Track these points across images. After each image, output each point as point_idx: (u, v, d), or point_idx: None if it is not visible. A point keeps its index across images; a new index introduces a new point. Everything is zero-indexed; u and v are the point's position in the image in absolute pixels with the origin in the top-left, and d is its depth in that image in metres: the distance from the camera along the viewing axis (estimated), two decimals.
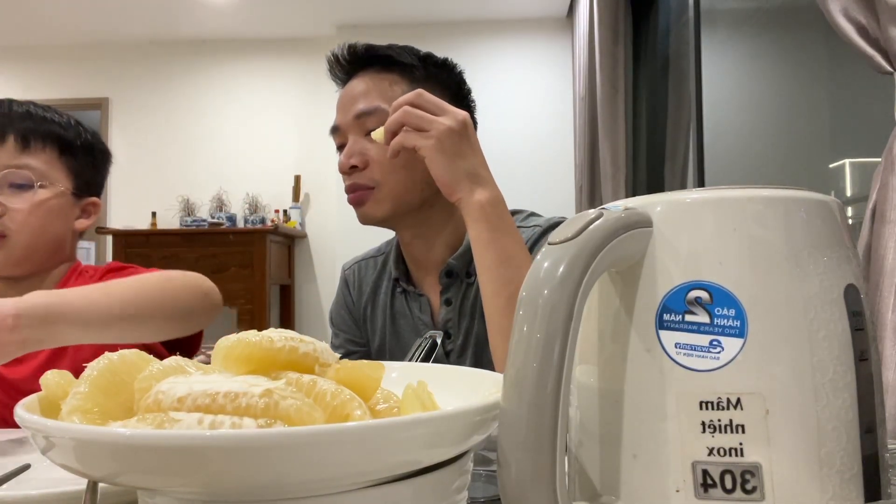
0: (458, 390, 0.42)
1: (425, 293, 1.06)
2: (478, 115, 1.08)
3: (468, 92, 1.09)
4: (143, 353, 0.37)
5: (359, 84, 1.01)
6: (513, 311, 0.81)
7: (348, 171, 0.99)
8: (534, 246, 1.01)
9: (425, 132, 0.81)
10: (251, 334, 0.36)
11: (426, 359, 0.70)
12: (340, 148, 1.02)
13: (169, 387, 0.32)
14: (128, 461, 0.28)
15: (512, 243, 0.81)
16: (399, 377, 0.43)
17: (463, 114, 0.82)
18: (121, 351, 0.37)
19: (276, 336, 0.36)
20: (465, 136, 0.82)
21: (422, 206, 0.99)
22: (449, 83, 1.05)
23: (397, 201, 0.98)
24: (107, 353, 0.36)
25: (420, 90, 0.83)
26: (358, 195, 0.98)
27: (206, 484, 0.28)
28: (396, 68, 1.01)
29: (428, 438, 0.31)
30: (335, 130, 1.02)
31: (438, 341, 0.72)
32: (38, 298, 0.75)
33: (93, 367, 0.35)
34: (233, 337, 0.36)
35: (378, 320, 1.10)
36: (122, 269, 1.10)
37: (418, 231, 1.03)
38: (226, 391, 0.31)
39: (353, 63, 1.04)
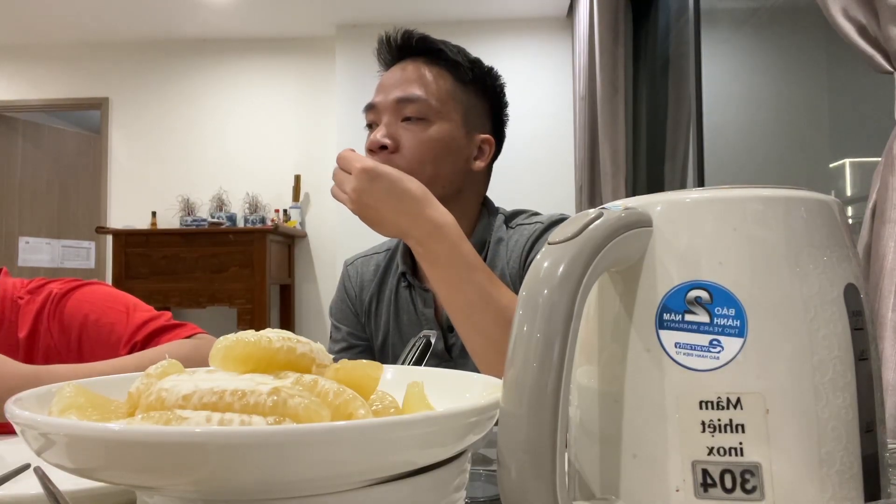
0: (450, 393, 0.42)
1: (430, 288, 1.06)
2: None
3: (505, 105, 1.11)
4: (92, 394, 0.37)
5: (405, 70, 1.02)
6: (468, 328, 0.83)
7: (377, 150, 0.99)
8: (535, 243, 1.02)
9: (344, 191, 0.82)
10: (249, 334, 0.36)
11: (420, 358, 0.70)
12: (369, 126, 1.03)
13: (172, 384, 0.32)
14: (134, 459, 0.27)
15: (446, 270, 0.81)
16: (392, 380, 0.43)
17: (363, 164, 0.80)
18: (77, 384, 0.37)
19: (273, 336, 0.36)
20: (372, 187, 0.79)
21: (441, 201, 1.00)
22: (491, 91, 1.07)
23: None
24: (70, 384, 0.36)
25: (347, 149, 0.84)
26: None
27: (212, 482, 0.28)
28: (445, 63, 1.02)
29: (438, 436, 0.31)
30: (370, 108, 1.02)
31: (433, 341, 0.72)
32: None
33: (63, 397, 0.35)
34: (231, 337, 0.36)
35: (382, 316, 1.10)
36: (73, 290, 1.06)
37: None
38: (233, 389, 0.31)
39: (403, 49, 1.05)
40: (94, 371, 0.87)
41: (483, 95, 1.06)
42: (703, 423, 0.31)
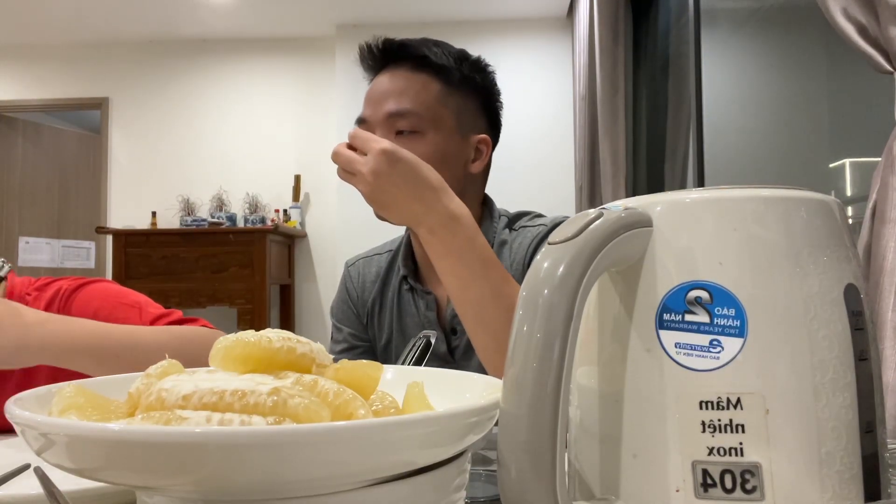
0: (450, 393, 0.42)
1: (433, 291, 1.05)
2: None
3: (499, 93, 1.09)
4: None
5: (392, 80, 1.00)
6: (476, 325, 0.81)
7: None
8: (539, 245, 1.02)
9: (355, 174, 0.78)
10: (249, 334, 0.36)
11: (420, 358, 0.70)
12: None
13: (172, 384, 0.32)
14: (134, 459, 0.27)
15: (458, 264, 0.78)
16: (392, 380, 0.43)
17: (383, 145, 0.76)
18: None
19: (273, 336, 0.36)
20: (390, 170, 0.75)
21: None
22: (483, 85, 1.05)
23: None
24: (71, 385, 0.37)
25: (355, 130, 0.80)
26: None
27: (213, 481, 0.28)
28: (430, 69, 1.00)
29: (438, 436, 0.31)
30: (362, 122, 1.01)
31: (433, 341, 0.72)
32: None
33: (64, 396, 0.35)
34: (231, 337, 0.36)
35: (386, 318, 1.10)
36: (81, 287, 1.06)
37: None
38: (233, 389, 0.31)
39: (387, 56, 1.03)
40: (120, 332, 0.88)
41: (474, 92, 1.04)
42: (704, 423, 0.31)
